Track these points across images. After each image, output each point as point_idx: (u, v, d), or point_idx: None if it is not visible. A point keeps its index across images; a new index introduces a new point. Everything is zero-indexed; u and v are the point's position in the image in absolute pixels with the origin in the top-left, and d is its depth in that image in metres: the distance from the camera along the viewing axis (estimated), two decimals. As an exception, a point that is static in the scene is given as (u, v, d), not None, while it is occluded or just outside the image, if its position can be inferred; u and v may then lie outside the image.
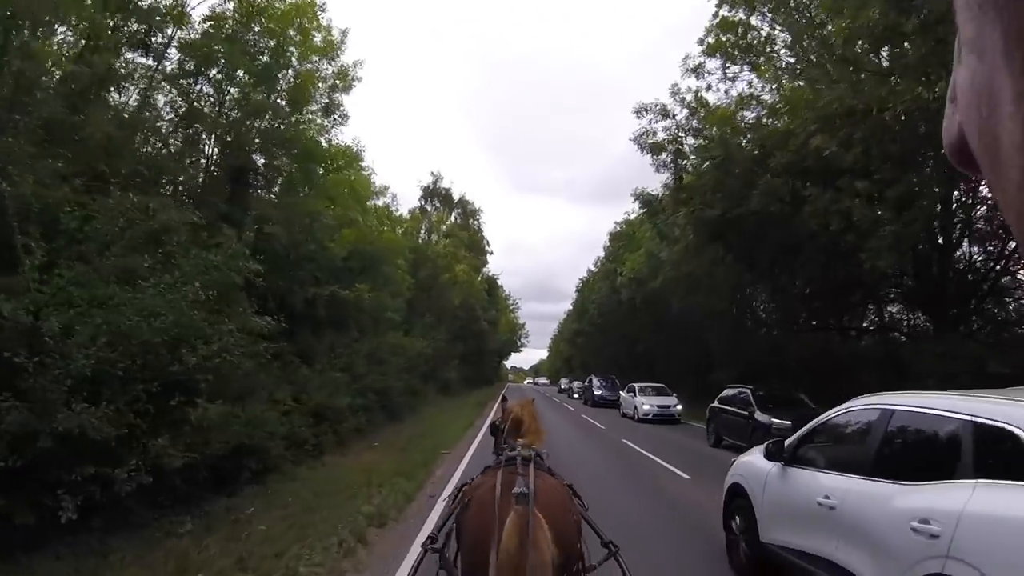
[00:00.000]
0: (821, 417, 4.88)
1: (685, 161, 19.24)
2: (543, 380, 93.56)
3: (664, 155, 19.18)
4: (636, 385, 25.39)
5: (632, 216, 39.92)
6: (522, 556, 2.23)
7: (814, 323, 26.32)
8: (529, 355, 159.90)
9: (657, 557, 5.75)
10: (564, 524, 2.57)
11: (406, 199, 57.53)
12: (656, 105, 18.89)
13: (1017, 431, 2.92)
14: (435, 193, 44.90)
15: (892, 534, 3.39)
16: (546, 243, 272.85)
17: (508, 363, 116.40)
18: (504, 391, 24.03)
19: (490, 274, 52.73)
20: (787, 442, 5.02)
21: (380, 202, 22.07)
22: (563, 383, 57.09)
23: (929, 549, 3.04)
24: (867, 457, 3.98)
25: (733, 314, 30.04)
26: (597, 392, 33.14)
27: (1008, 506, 2.77)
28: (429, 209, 33.79)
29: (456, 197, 47.48)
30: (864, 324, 26.87)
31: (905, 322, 23.85)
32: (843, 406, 4.63)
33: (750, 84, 18.97)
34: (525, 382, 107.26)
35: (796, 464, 4.80)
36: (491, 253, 51.67)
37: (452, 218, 48.09)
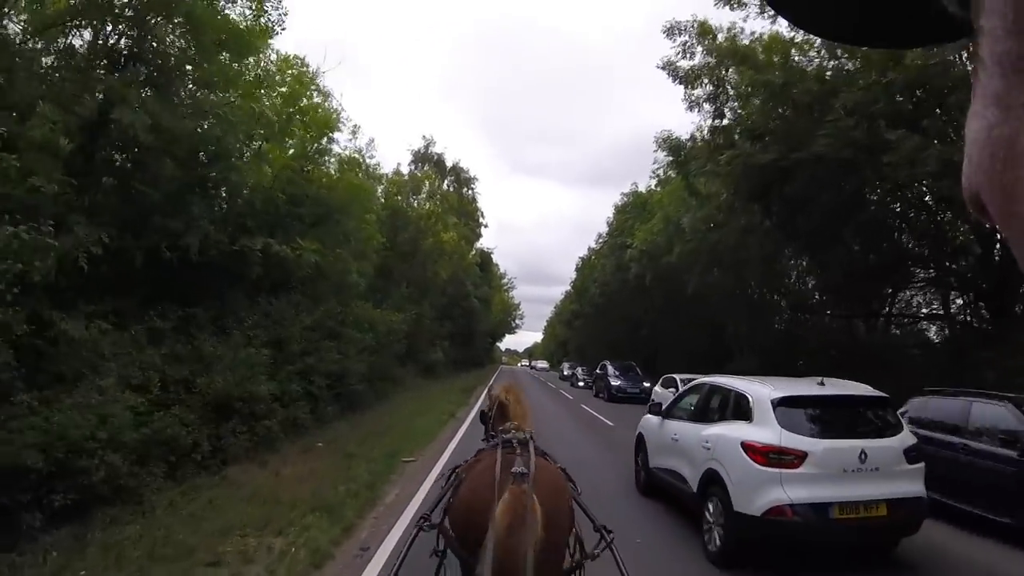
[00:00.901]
0: (682, 390, 8.41)
1: (726, 98, 15.29)
2: (542, 364, 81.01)
3: (699, 90, 15.25)
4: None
5: (640, 187, 36.09)
6: (511, 536, 2.21)
7: (847, 309, 22.68)
8: (523, 337, 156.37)
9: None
10: (557, 507, 2.55)
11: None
12: (693, 23, 14.87)
13: (748, 395, 5.92)
14: (426, 159, 40.73)
15: (695, 451, 6.32)
16: (538, 226, 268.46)
17: (502, 345, 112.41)
18: (496, 376, 19.90)
19: (484, 248, 48.73)
20: (664, 406, 8.22)
21: (350, 144, 18.08)
22: (565, 368, 49.93)
23: (708, 456, 5.97)
24: (692, 411, 7.14)
25: (759, 295, 26.36)
26: (615, 383, 27.02)
27: (733, 432, 5.77)
28: (417, 173, 29.56)
29: (449, 164, 43.39)
30: (908, 311, 23.24)
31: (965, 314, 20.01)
32: (692, 383, 8.04)
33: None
34: (519, 365, 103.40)
35: (668, 418, 7.68)
36: (485, 226, 47.65)
37: (445, 186, 44.05)
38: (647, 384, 24.02)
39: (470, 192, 45.16)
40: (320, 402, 12.42)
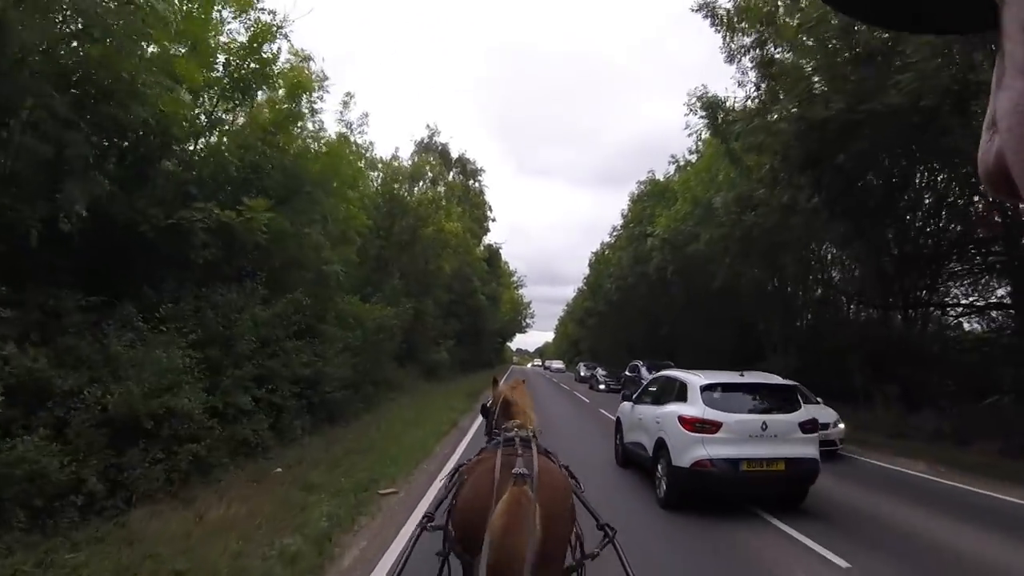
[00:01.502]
0: (646, 382, 11.08)
1: (776, 43, 12.74)
2: (557, 364, 69.32)
3: (745, 37, 12.72)
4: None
5: (659, 175, 33.52)
6: (508, 536, 2.20)
7: (886, 300, 20.13)
8: (534, 337, 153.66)
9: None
10: (558, 507, 2.54)
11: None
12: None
13: (686, 383, 7.84)
14: (430, 148, 38.43)
15: (651, 425, 8.21)
16: (547, 226, 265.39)
17: (512, 345, 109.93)
18: (506, 377, 17.07)
19: (493, 243, 46.28)
20: (634, 395, 10.29)
21: (341, 117, 15.70)
22: (582, 369, 44.45)
23: (659, 428, 7.84)
24: (652, 396, 9.01)
25: (795, 287, 23.80)
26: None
27: (674, 409, 7.57)
28: (415, 159, 27.01)
29: (455, 155, 41.05)
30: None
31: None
32: (652, 377, 10.91)
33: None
34: (529, 365, 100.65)
35: (636, 404, 9.41)
36: (493, 220, 45.23)
37: (450, 177, 41.74)
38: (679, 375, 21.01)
39: (477, 184, 42.83)
40: (284, 415, 10.08)
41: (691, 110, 16.45)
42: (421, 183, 24.46)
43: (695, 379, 7.89)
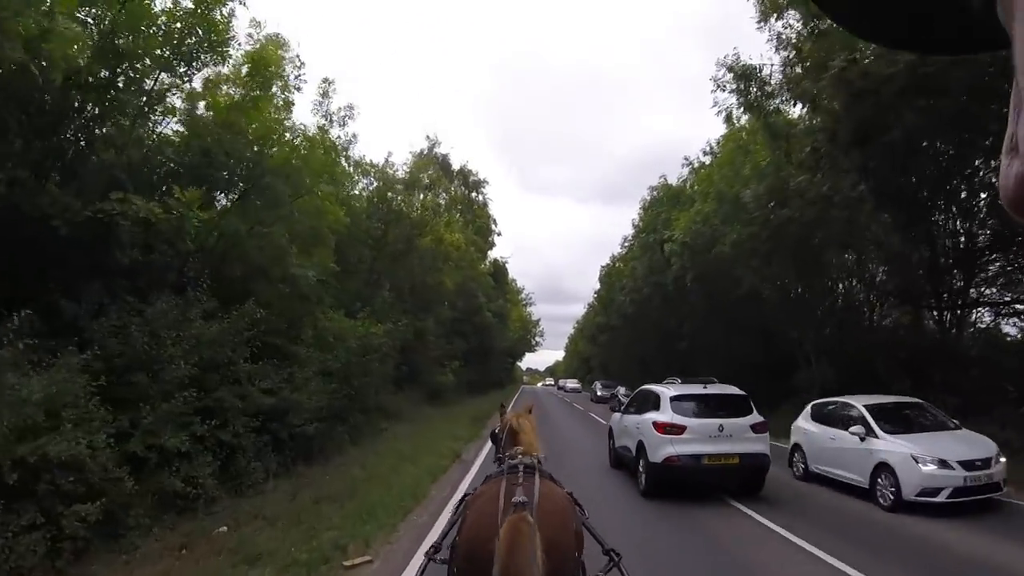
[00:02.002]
0: (632, 395, 12.21)
1: None
2: (571, 384, 61.20)
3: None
4: None
5: (671, 179, 31.62)
6: (510, 563, 2.21)
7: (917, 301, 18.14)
8: (543, 356, 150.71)
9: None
10: (560, 533, 2.53)
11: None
12: None
13: (659, 394, 9.44)
14: (430, 160, 36.85)
15: (634, 431, 9.64)
16: (553, 244, 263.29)
17: (522, 364, 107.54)
18: (516, 398, 17.51)
19: (499, 258, 44.39)
20: (623, 406, 11.91)
21: (314, 108, 13.87)
22: (598, 388, 39.98)
23: (639, 433, 9.33)
24: (635, 407, 10.39)
25: (832, 290, 21.75)
26: None
27: (650, 416, 9.19)
28: (412, 167, 25.01)
29: (456, 166, 39.40)
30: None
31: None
32: (637, 391, 11.66)
33: None
34: (540, 384, 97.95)
35: (624, 414, 10.97)
36: (499, 234, 43.42)
37: (452, 189, 40.05)
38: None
39: (480, 196, 41.15)
40: (239, 456, 8.09)
41: (719, 86, 14.50)
42: (419, 192, 22.58)
43: (666, 391, 9.55)
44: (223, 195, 8.70)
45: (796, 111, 13.87)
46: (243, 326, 8.35)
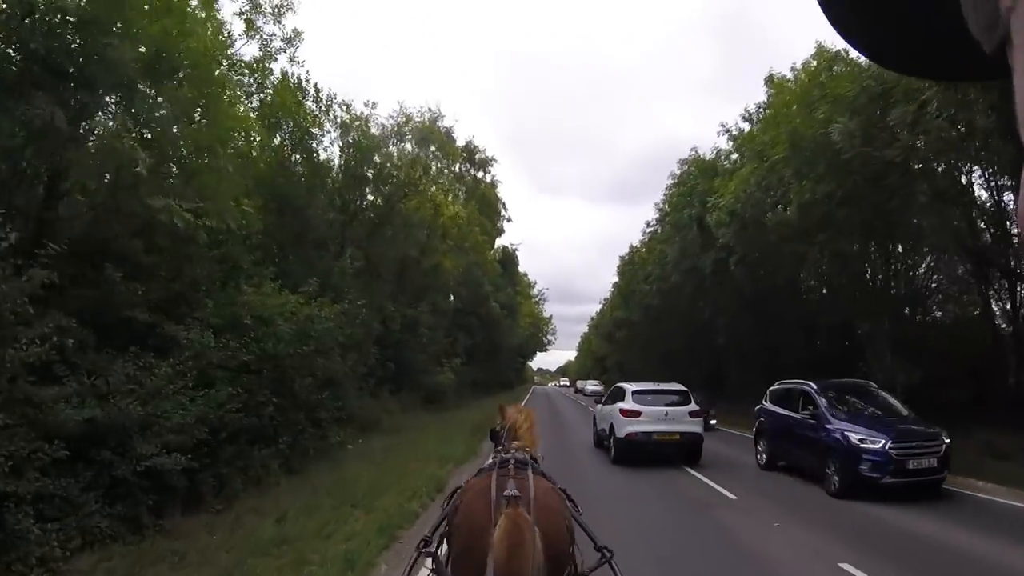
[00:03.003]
0: (609, 392, 15.49)
1: None
2: (592, 386, 50.00)
3: None
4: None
5: (703, 151, 27.37)
6: (511, 559, 2.20)
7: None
8: (554, 356, 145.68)
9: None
10: (554, 527, 2.53)
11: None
12: None
13: (626, 389, 12.86)
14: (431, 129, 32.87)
15: (608, 416, 12.98)
16: (564, 244, 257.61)
17: (532, 364, 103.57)
18: (527, 400, 19.45)
19: (508, 246, 40.30)
20: (603, 399, 15.19)
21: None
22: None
23: (611, 418, 12.54)
24: (611, 399, 13.52)
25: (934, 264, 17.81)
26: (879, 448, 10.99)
27: (618, 405, 12.38)
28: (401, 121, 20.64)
29: (462, 142, 35.28)
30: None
31: None
32: (613, 388, 15.21)
33: None
34: (551, 385, 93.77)
35: (604, 405, 14.06)
36: (508, 220, 39.35)
37: (456, 168, 36.09)
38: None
39: (488, 177, 37.11)
40: (6, 516, 4.19)
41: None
42: (405, 144, 18.48)
43: (631, 387, 12.96)
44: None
45: None
46: (16, 292, 4.47)
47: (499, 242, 39.17)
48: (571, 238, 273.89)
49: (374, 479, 8.92)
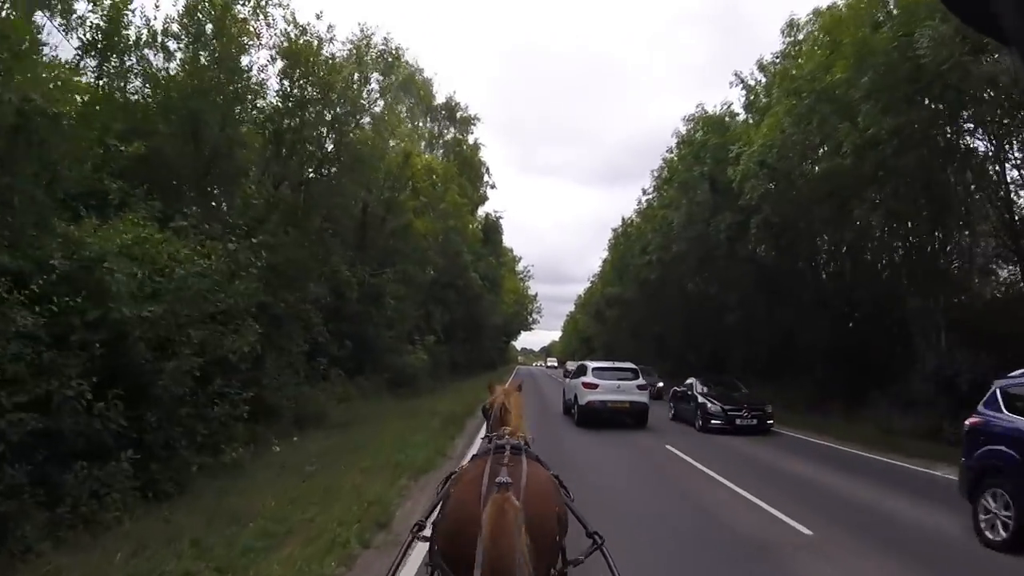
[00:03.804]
0: (574, 368, 20.21)
1: None
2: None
3: None
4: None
5: (709, 107, 24.09)
6: (496, 544, 2.17)
7: None
8: (539, 336, 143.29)
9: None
10: (543, 513, 2.50)
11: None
12: None
13: (588, 366, 16.20)
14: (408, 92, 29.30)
15: (573, 388, 16.47)
16: (552, 225, 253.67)
17: (517, 344, 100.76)
18: (512, 377, 17.33)
19: (491, 214, 36.90)
20: (571, 374, 19.30)
21: None
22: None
23: (575, 390, 15.97)
24: (575, 374, 17.22)
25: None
26: None
27: (581, 379, 15.63)
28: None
29: (442, 98, 31.70)
30: None
31: None
32: (578, 364, 19.32)
33: None
34: (535, 365, 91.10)
35: (572, 379, 17.57)
36: (492, 186, 36.00)
37: (436, 129, 32.63)
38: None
39: (470, 137, 33.63)
40: None
41: None
42: (363, 71, 14.97)
43: (592, 364, 16.08)
44: None
45: None
46: None
47: (482, 210, 35.91)
48: (560, 219, 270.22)
49: (278, 511, 5.83)
